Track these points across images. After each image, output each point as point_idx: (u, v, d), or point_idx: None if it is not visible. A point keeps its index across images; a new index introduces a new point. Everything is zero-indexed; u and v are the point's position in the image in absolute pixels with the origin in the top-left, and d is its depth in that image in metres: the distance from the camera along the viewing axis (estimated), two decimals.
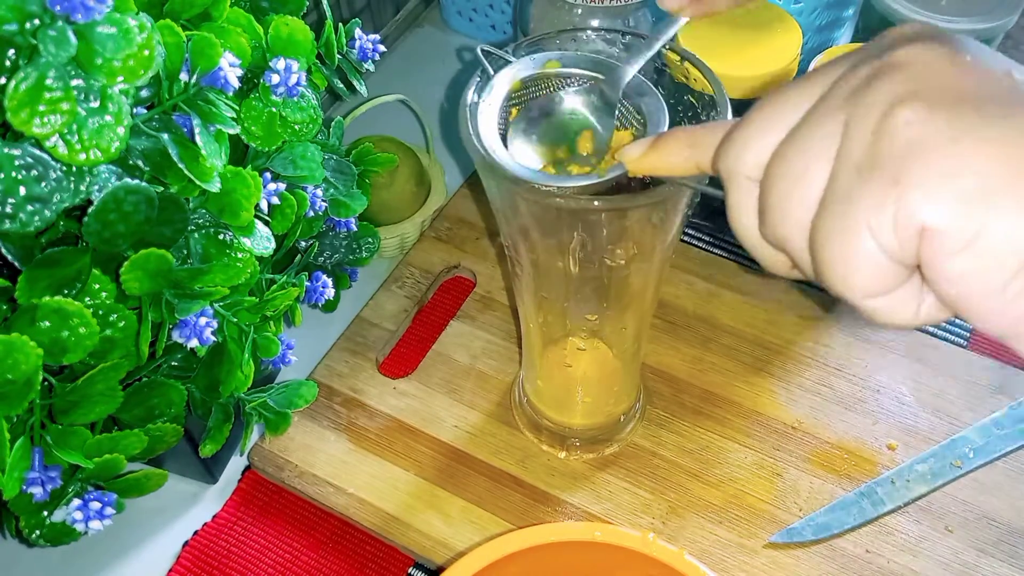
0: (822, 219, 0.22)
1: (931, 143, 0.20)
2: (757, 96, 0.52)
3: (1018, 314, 0.20)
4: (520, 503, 0.47)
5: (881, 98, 0.21)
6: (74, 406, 0.35)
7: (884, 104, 0.21)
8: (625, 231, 0.36)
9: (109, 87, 0.30)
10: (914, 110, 0.20)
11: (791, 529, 0.45)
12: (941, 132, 0.20)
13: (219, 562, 0.47)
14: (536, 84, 0.36)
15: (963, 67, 0.21)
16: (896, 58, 0.22)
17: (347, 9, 0.69)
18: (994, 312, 0.20)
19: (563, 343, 0.45)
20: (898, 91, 0.21)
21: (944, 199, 0.20)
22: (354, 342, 0.54)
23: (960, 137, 0.20)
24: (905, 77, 0.21)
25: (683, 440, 0.49)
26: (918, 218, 0.20)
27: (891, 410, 0.50)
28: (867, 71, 0.22)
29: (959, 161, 0.20)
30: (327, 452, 0.49)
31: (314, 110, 0.41)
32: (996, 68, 0.21)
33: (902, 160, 0.20)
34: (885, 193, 0.20)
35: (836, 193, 0.22)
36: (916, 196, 0.20)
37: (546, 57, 0.36)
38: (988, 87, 0.21)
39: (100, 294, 0.34)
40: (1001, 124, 0.20)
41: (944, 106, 0.20)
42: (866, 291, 0.22)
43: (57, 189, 0.30)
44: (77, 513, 0.37)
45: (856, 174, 0.21)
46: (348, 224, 0.48)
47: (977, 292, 0.20)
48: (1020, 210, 0.19)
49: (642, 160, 0.29)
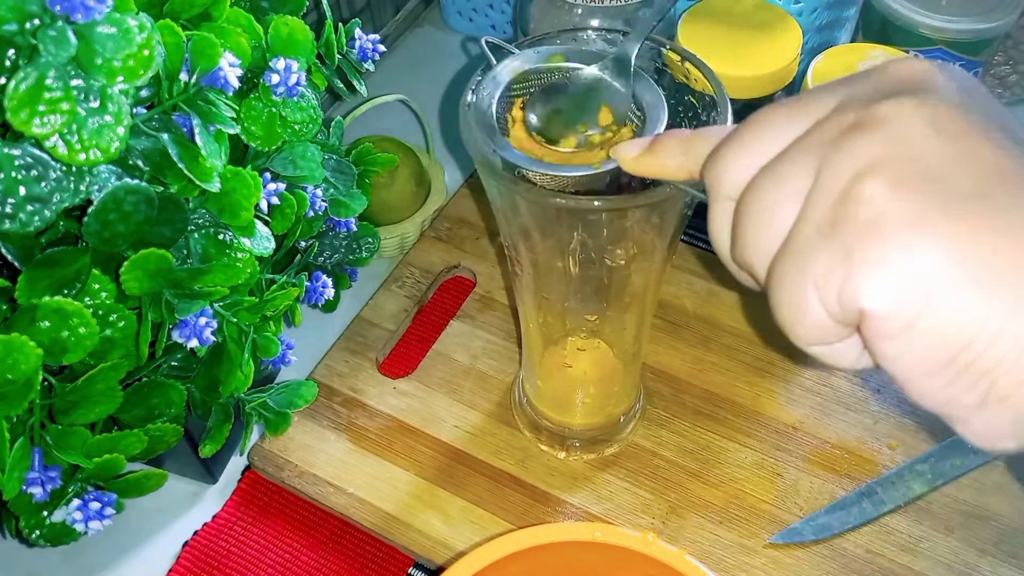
0: (778, 263, 0.23)
1: (888, 225, 0.20)
2: (757, 96, 0.52)
3: (949, 397, 0.21)
4: (520, 503, 0.47)
5: (853, 162, 0.21)
6: (74, 406, 0.35)
7: (854, 169, 0.21)
8: (625, 231, 0.36)
9: (109, 87, 0.30)
10: (879, 185, 0.21)
11: (791, 529, 0.45)
12: (900, 215, 0.20)
13: (219, 562, 0.47)
14: (539, 77, 0.36)
15: (944, 138, 0.21)
16: (880, 113, 0.22)
17: (347, 9, 0.69)
18: (927, 394, 0.21)
19: (563, 343, 0.45)
20: (871, 155, 0.21)
21: (886, 287, 0.20)
22: (354, 342, 0.54)
23: (916, 223, 0.20)
24: (883, 139, 0.21)
25: (683, 440, 0.49)
26: (859, 302, 0.21)
27: (891, 410, 0.50)
28: (851, 119, 0.22)
29: (907, 252, 0.20)
30: (327, 452, 0.49)
31: (314, 110, 0.40)
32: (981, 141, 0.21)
33: (857, 235, 0.21)
34: (836, 264, 0.21)
35: (794, 242, 0.22)
36: (861, 279, 0.21)
37: (550, 51, 0.36)
38: (964, 165, 0.21)
39: (100, 294, 0.34)
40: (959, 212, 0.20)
41: (910, 184, 0.20)
42: (808, 340, 0.23)
43: (57, 189, 0.30)
44: (77, 513, 0.37)
45: (815, 231, 0.22)
46: (348, 224, 0.48)
47: (911, 374, 0.21)
48: (956, 305, 0.20)
49: (637, 162, 0.29)
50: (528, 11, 0.55)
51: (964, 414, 0.21)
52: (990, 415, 0.21)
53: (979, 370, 0.20)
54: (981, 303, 0.20)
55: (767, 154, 0.23)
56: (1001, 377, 0.20)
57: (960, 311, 0.20)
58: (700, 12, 0.54)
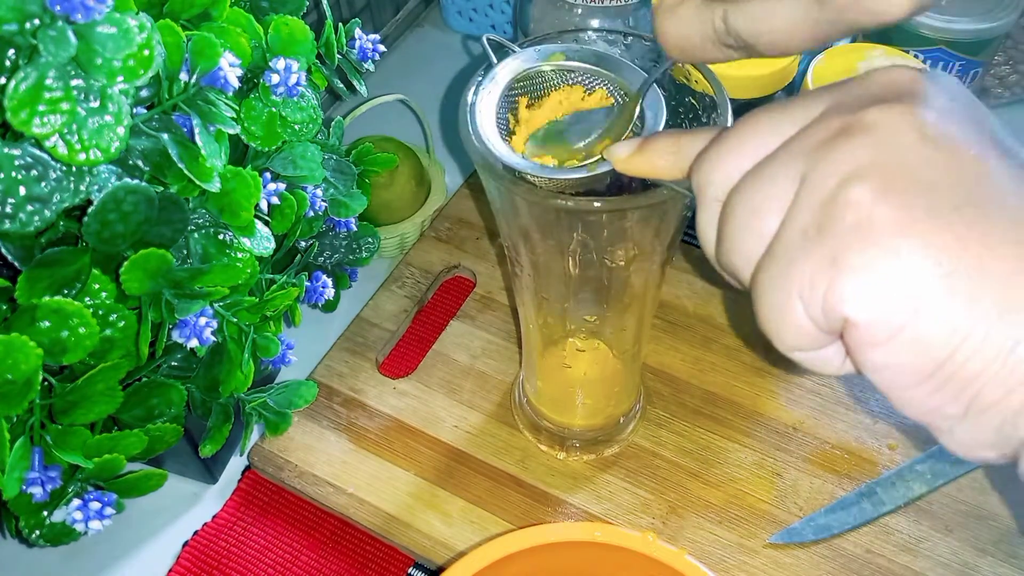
0: (763, 268, 0.23)
1: (873, 230, 0.20)
2: (757, 96, 0.52)
3: (932, 407, 0.21)
4: (520, 503, 0.47)
5: (839, 167, 0.21)
6: (74, 406, 0.35)
7: (841, 174, 0.21)
8: (625, 232, 0.36)
9: (109, 87, 0.30)
10: (866, 190, 0.20)
11: (791, 529, 0.45)
12: (886, 221, 0.20)
13: (219, 562, 0.47)
14: (540, 76, 0.36)
15: (931, 145, 0.21)
16: (867, 119, 0.21)
17: (347, 9, 0.69)
18: (910, 403, 0.21)
19: (563, 344, 0.45)
20: (859, 160, 0.21)
21: (871, 295, 0.20)
22: (354, 342, 0.54)
23: (902, 230, 0.20)
24: (869, 143, 0.21)
25: (683, 440, 0.49)
26: (843, 309, 0.21)
27: (891, 410, 0.50)
28: (838, 125, 0.22)
29: (893, 258, 0.20)
30: (327, 452, 0.49)
31: (314, 110, 0.40)
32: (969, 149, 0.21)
33: (843, 240, 0.20)
34: (821, 270, 0.21)
35: (779, 248, 0.22)
36: (846, 286, 0.20)
37: (550, 50, 0.36)
38: (952, 173, 0.21)
39: (100, 294, 0.34)
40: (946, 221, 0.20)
41: (897, 191, 0.20)
42: (792, 347, 0.23)
43: (57, 189, 0.30)
44: (77, 513, 0.37)
45: (801, 236, 0.21)
46: (348, 224, 0.48)
47: (895, 383, 0.21)
48: (941, 315, 0.20)
49: (628, 162, 0.29)
50: (528, 11, 0.55)
51: (947, 424, 0.21)
52: (972, 425, 0.21)
53: (963, 380, 0.20)
54: (966, 313, 0.19)
55: (753, 157, 0.23)
56: (985, 387, 0.20)
57: (945, 321, 0.20)
58: None
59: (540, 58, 0.35)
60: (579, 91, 0.36)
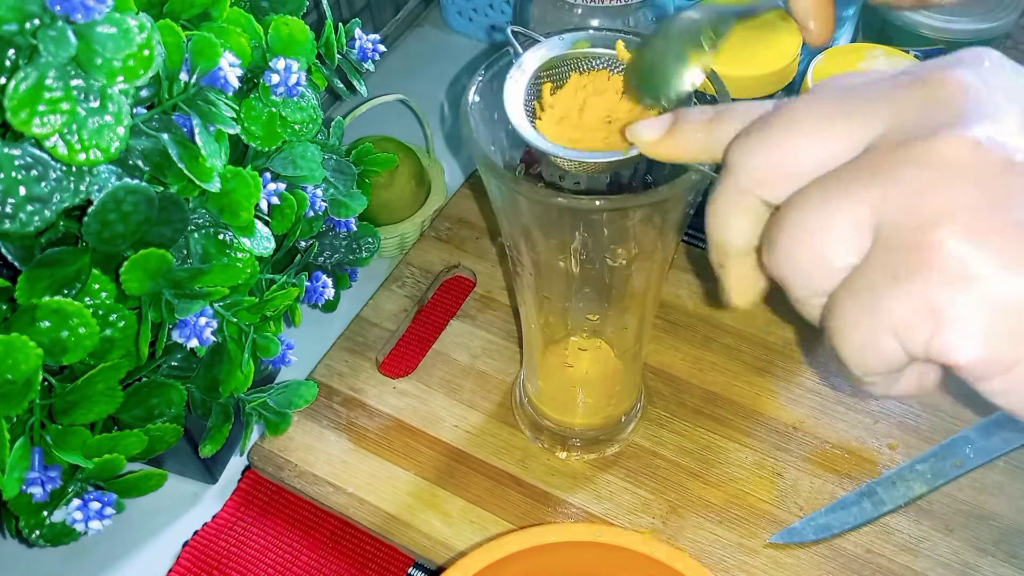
0: (842, 300, 0.22)
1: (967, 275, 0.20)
2: (757, 96, 0.52)
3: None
4: (520, 503, 0.47)
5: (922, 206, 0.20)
6: (74, 406, 0.35)
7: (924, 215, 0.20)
8: (627, 231, 0.36)
9: (109, 87, 0.30)
10: (954, 232, 0.20)
11: (791, 529, 0.45)
12: (978, 265, 0.20)
13: (219, 562, 0.47)
14: (565, 63, 0.36)
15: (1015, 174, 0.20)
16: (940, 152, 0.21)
17: (347, 9, 0.69)
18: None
19: (564, 343, 0.45)
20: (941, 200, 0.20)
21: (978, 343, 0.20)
22: (354, 342, 0.54)
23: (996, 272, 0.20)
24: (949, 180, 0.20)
25: (683, 440, 0.49)
26: (954, 357, 0.20)
27: (891, 410, 0.50)
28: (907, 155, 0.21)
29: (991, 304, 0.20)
30: (327, 452, 0.49)
31: (314, 110, 0.40)
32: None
33: (940, 287, 0.20)
34: (920, 317, 0.20)
35: (861, 282, 0.21)
36: (952, 337, 0.20)
37: (575, 37, 0.36)
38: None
39: (100, 294, 0.34)
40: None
41: (985, 231, 0.20)
42: (875, 374, 0.22)
43: (57, 189, 0.30)
44: (77, 513, 0.37)
45: (891, 276, 0.21)
46: (348, 224, 0.48)
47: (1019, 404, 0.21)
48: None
49: (657, 146, 0.28)
50: (528, 11, 0.55)
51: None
52: None
53: None
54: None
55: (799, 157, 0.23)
56: None
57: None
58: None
59: (566, 46, 0.36)
60: (603, 75, 0.36)
